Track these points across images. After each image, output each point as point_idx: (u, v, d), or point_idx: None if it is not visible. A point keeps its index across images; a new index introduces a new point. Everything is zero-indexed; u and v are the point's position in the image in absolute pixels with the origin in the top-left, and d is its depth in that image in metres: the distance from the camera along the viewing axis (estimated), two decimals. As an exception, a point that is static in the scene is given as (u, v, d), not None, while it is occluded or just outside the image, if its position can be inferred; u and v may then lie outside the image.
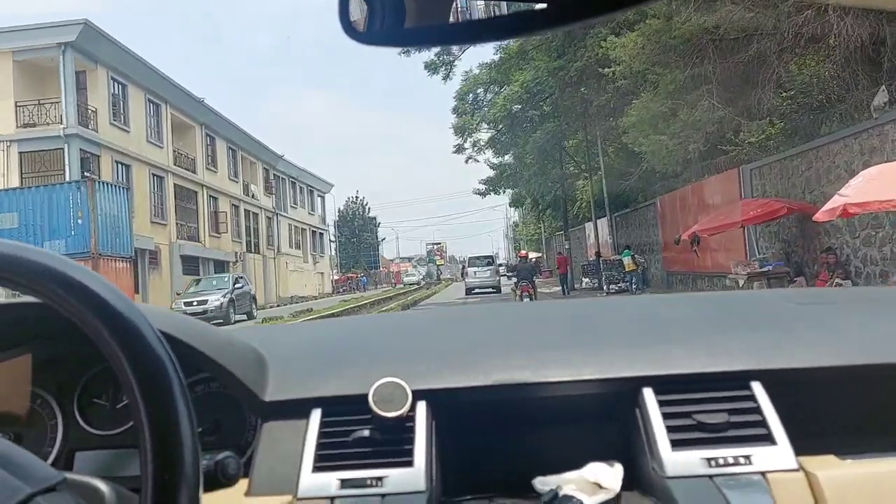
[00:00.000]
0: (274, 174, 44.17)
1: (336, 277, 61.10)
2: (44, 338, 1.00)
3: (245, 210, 38.81)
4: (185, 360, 0.69)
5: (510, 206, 57.62)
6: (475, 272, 31.75)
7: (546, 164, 23.46)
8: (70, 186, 20.39)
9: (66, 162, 23.10)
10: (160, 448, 0.53)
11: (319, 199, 55.14)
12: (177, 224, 30.42)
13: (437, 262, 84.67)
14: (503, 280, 32.20)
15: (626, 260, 18.83)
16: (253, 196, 40.28)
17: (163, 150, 29.47)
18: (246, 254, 37.67)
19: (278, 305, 36.89)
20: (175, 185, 30.47)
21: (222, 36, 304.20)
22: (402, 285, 62.91)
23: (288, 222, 46.41)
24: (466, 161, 24.94)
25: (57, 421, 1.03)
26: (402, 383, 0.83)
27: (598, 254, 23.66)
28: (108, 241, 20.59)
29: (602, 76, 15.77)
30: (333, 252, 70.17)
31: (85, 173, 23.31)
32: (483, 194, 35.80)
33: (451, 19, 0.63)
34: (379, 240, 79.64)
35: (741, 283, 10.43)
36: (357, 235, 73.89)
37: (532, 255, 43.58)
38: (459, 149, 24.19)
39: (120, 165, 26.11)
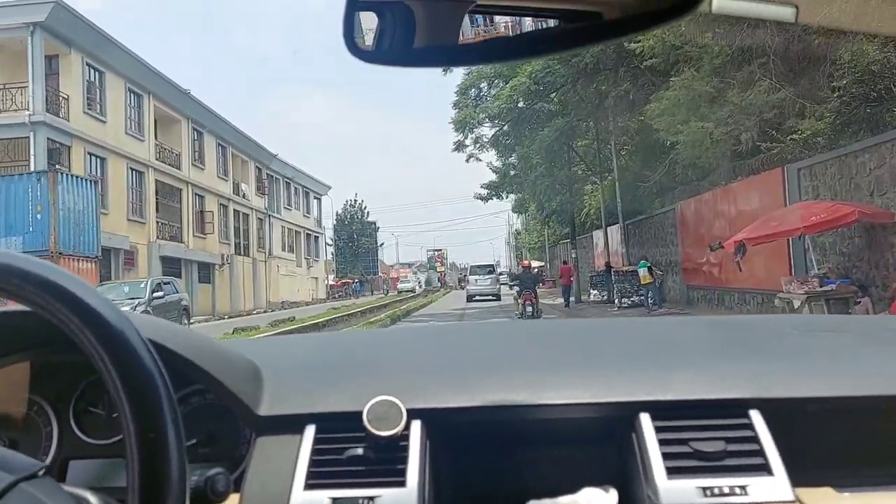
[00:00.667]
0: (267, 174, 42.39)
1: (332, 283, 59.91)
2: (42, 345, 1.00)
3: (234, 210, 36.98)
4: (180, 371, 0.70)
5: (513, 212, 56.01)
6: (476, 280, 33.29)
7: (553, 166, 21.38)
8: (29, 178, 18.50)
9: (32, 151, 21.22)
10: (146, 460, 0.53)
11: (315, 201, 53.39)
12: (157, 223, 28.59)
13: (438, 269, 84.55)
14: (505, 289, 32.62)
15: (642, 271, 16.87)
16: (244, 196, 38.49)
17: (144, 144, 27.61)
18: (234, 256, 35.82)
19: (265, 311, 35.17)
20: (157, 181, 28.64)
21: (222, 35, 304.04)
22: (395, 292, 60.51)
23: (281, 224, 44.68)
24: (468, 160, 22.78)
25: (52, 428, 1.03)
26: (397, 402, 0.81)
27: (608, 264, 21.72)
28: (71, 238, 18.74)
29: (622, 63, 13.88)
30: (330, 256, 68.94)
31: (56, 165, 21.49)
32: (485, 199, 34.62)
33: (461, 40, 0.63)
34: (378, 244, 78.14)
35: (796, 304, 8.49)
36: (354, 240, 72.18)
37: (535, 263, 42.66)
38: (459, 146, 21.98)
39: (94, 158, 24.25)
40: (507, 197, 37.50)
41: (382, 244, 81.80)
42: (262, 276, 40.26)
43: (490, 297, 30.95)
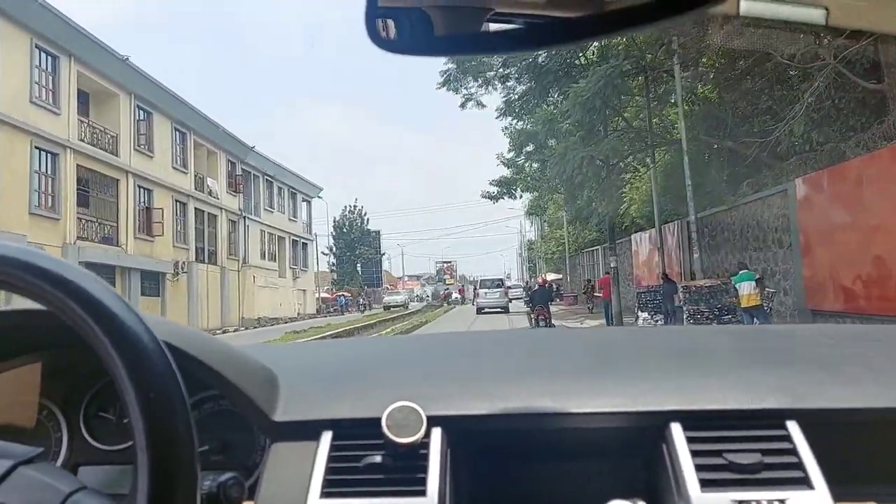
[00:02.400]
0: (243, 169, 36.41)
1: (327, 295, 54.23)
2: (54, 347, 0.98)
3: (197, 209, 31.01)
4: (195, 375, 0.70)
5: (527, 215, 49.83)
6: (486, 293, 34.38)
7: (591, 136, 15.06)
8: None
9: None
10: (156, 466, 0.52)
11: (305, 203, 47.30)
12: (80, 220, 22.62)
13: (447, 281, 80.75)
14: (520, 304, 33.03)
15: (747, 287, 10.47)
16: (210, 193, 32.51)
17: (60, 119, 21.64)
18: (194, 263, 29.80)
19: (238, 329, 29.27)
20: (81, 166, 22.64)
21: (228, 36, 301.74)
22: (381, 307, 52.89)
23: (260, 228, 38.67)
24: (463, 105, 16.59)
25: (62, 434, 1.00)
26: (417, 408, 0.79)
27: (665, 276, 15.40)
28: None
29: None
30: (327, 267, 63.37)
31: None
32: (494, 198, 29.04)
33: (483, 28, 0.63)
34: (380, 254, 72.37)
35: None
36: (352, 249, 66.15)
37: (550, 276, 37.83)
38: (448, 79, 15.46)
39: (-26, 130, 18.34)
40: (520, 196, 31.81)
41: (384, 254, 76.08)
42: (234, 287, 34.24)
43: (499, 310, 32.41)
